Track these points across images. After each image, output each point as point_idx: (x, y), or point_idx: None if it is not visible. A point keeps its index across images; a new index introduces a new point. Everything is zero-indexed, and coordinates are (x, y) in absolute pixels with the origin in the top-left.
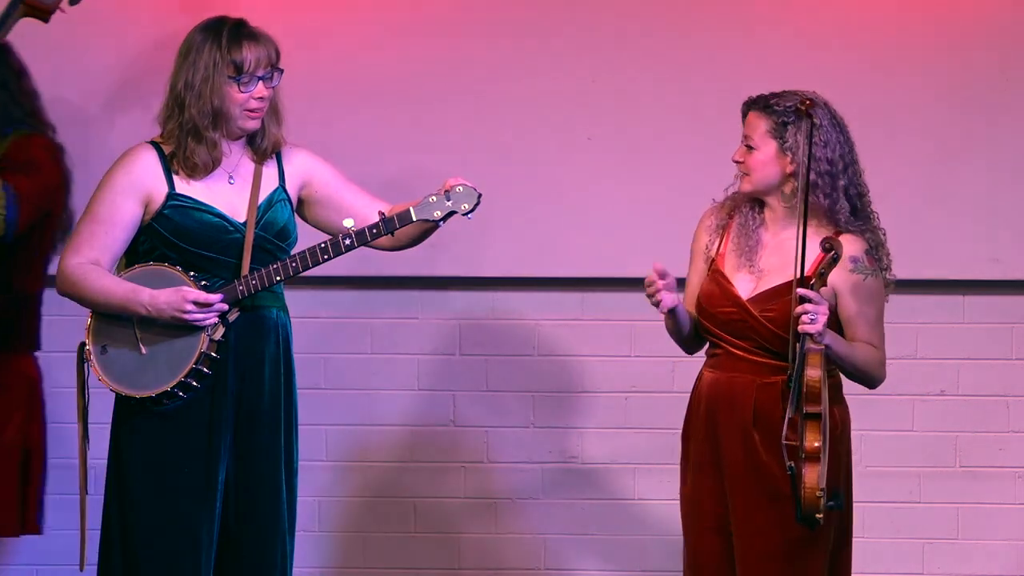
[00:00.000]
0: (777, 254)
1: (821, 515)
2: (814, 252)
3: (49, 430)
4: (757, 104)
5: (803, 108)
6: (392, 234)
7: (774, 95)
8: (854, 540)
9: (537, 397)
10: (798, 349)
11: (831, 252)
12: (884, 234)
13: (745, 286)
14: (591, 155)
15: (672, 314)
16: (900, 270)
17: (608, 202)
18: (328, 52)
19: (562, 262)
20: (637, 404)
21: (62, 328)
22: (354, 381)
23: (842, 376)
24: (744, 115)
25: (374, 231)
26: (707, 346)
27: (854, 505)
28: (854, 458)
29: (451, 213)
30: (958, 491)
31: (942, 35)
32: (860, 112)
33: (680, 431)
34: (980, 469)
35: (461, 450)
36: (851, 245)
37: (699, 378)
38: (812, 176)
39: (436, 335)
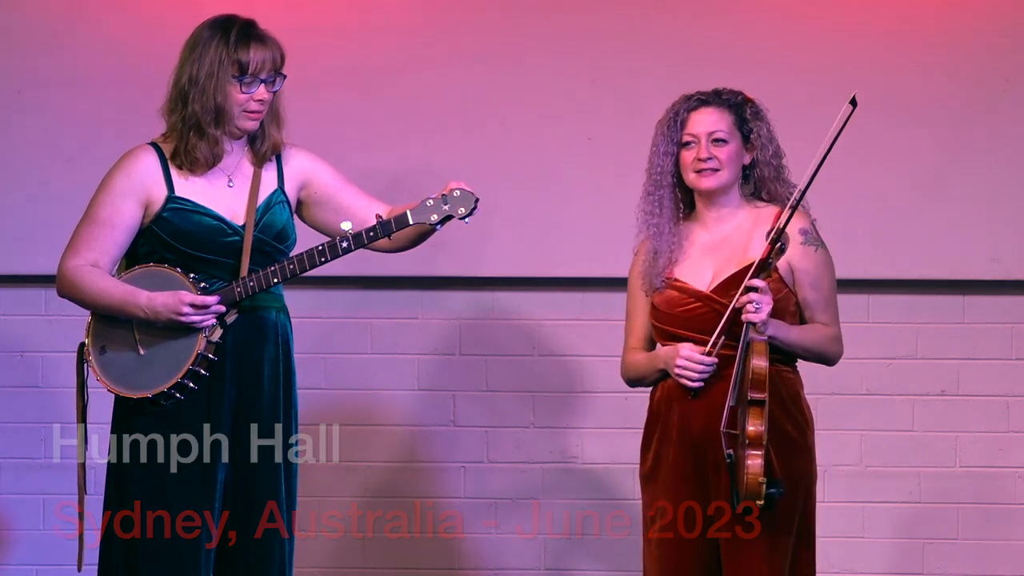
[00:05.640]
0: (725, 248)
1: (761, 501)
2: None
3: (49, 430)
4: (719, 99)
5: (749, 98)
6: (389, 237)
7: (716, 91)
8: (855, 540)
9: (537, 397)
10: (741, 339)
11: (778, 244)
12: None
13: (702, 283)
14: (591, 155)
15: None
16: (900, 270)
17: (608, 202)
18: (328, 51)
19: (562, 262)
20: (637, 404)
21: (62, 328)
22: (354, 381)
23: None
24: (691, 111)
25: (371, 234)
26: None
27: (855, 505)
28: (854, 457)
29: (448, 217)
30: (958, 491)
31: (943, 36)
32: (861, 112)
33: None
34: (980, 469)
35: (461, 450)
36: (797, 219)
37: (659, 387)
38: (775, 163)
39: (436, 335)
